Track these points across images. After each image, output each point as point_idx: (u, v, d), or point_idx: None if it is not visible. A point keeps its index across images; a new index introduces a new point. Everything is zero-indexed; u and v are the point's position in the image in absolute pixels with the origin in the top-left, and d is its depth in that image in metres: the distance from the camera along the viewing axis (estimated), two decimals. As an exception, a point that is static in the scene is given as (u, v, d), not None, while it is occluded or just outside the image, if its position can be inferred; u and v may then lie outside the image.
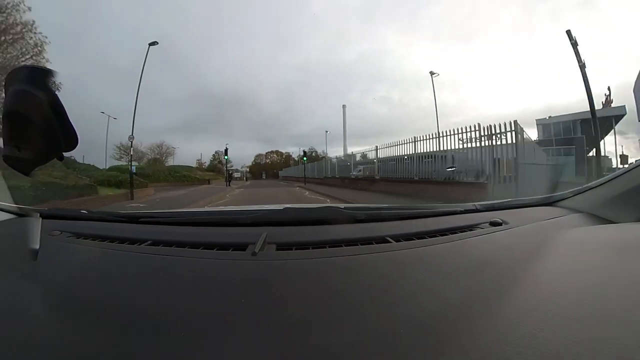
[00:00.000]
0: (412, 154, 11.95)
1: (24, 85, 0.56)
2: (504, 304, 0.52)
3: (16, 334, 0.48)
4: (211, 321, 0.49)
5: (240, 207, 1.81)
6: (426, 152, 11.05)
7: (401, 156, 12.53)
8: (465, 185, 8.74)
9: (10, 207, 1.07)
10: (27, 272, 0.68)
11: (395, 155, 13.05)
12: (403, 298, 0.55)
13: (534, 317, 0.47)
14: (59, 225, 0.96)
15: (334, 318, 0.49)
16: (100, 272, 0.72)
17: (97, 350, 0.44)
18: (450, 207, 1.20)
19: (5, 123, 0.56)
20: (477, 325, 0.46)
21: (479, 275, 0.64)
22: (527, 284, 0.60)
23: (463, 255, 0.76)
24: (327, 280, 0.63)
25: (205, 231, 0.95)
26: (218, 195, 13.66)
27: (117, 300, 0.58)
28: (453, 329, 0.46)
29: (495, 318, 0.48)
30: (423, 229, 0.92)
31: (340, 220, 0.97)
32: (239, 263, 0.70)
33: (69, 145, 0.62)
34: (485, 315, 0.49)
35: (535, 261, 0.71)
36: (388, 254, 0.75)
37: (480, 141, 8.73)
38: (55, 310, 0.56)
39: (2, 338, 0.47)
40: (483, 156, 8.62)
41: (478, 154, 8.78)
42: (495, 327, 0.45)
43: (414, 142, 11.76)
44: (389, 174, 13.33)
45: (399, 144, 12.77)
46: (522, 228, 0.99)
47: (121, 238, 0.86)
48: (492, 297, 0.54)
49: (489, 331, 0.45)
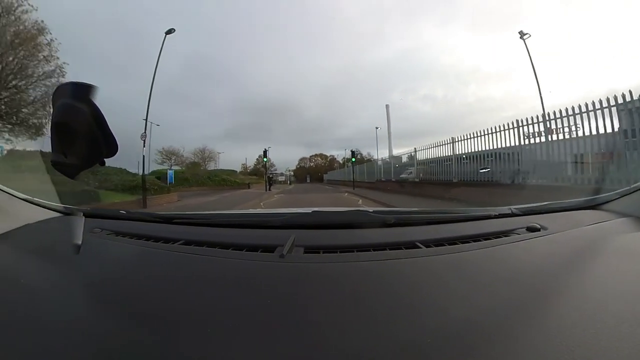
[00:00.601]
0: (475, 152, 10.18)
1: (69, 99, 0.63)
2: (542, 318, 0.48)
3: (57, 319, 0.53)
4: (238, 320, 0.51)
5: (270, 210, 1.86)
6: (487, 150, 9.60)
7: (468, 154, 10.52)
8: (545, 190, 7.14)
9: (58, 206, 1.22)
10: (70, 265, 0.76)
11: (456, 154, 11.23)
12: (432, 307, 0.53)
13: (574, 333, 0.44)
14: (99, 224, 1.07)
15: (360, 324, 0.48)
16: (136, 268, 0.78)
17: (129, 341, 0.47)
18: (483, 211, 1.11)
19: (54, 133, 0.63)
20: (511, 340, 0.43)
21: (514, 285, 0.60)
22: (567, 296, 0.56)
23: (497, 263, 0.73)
24: (353, 285, 0.62)
25: (235, 233, 0.98)
26: (251, 203, 12.77)
27: (150, 295, 0.62)
28: (485, 342, 0.43)
29: (531, 333, 0.44)
30: (455, 234, 0.86)
31: (369, 224, 0.95)
32: (267, 264, 0.71)
33: (110, 152, 0.68)
34: (521, 329, 0.46)
35: (577, 271, 0.67)
36: (417, 259, 0.72)
37: (550, 133, 7.26)
38: (93, 301, 0.61)
39: (44, 322, 0.53)
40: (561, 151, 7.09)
41: (554, 149, 7.28)
42: (531, 342, 0.43)
43: (487, 134, 9.53)
44: (462, 177, 10.86)
45: (468, 137, 10.53)
46: (562, 234, 0.92)
47: (156, 237, 0.92)
48: (528, 309, 0.51)
49: (524, 347, 0.42)
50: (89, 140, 0.64)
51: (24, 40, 13.81)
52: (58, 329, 0.51)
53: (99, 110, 0.63)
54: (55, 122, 0.63)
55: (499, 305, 0.52)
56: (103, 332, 0.49)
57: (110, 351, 0.45)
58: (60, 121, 0.64)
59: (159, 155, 35.61)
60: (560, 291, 0.57)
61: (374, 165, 23.58)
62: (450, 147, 11.57)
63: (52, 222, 1.12)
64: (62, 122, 0.64)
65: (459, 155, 11.13)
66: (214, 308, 0.55)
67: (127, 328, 0.50)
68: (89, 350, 0.45)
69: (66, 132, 0.64)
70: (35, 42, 14.21)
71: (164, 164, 34.94)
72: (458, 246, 0.80)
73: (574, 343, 0.41)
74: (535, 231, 0.92)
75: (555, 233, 0.92)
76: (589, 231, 0.97)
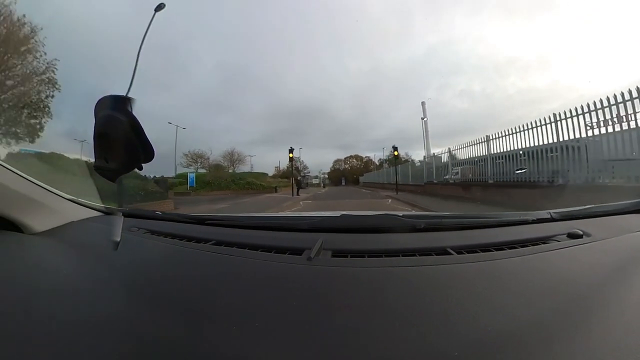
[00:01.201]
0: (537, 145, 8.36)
1: (109, 111, 0.70)
2: (585, 334, 0.45)
3: (96, 312, 0.58)
4: (265, 320, 0.52)
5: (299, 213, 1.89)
6: (549, 144, 8.05)
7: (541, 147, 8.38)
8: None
9: (99, 206, 1.36)
10: (109, 260, 0.83)
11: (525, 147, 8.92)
12: (463, 317, 0.51)
13: (621, 351, 0.41)
14: (137, 223, 1.17)
15: (386, 331, 0.48)
16: (169, 265, 0.83)
17: (164, 334, 0.50)
18: (520, 215, 1.02)
19: (96, 141, 0.71)
20: (548, 356, 0.41)
21: (554, 297, 0.57)
22: (613, 310, 0.52)
23: (535, 272, 0.68)
24: (381, 290, 0.61)
25: (263, 235, 1.01)
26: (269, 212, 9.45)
27: (182, 291, 0.65)
28: (519, 357, 0.41)
29: (572, 349, 0.42)
30: (488, 241, 0.80)
31: (398, 229, 0.93)
32: (294, 267, 0.72)
33: (147, 158, 0.72)
34: (561, 345, 0.43)
35: (625, 283, 0.62)
36: (448, 266, 0.68)
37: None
38: (129, 294, 0.66)
39: (84, 313, 0.57)
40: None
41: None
42: (571, 359, 0.40)
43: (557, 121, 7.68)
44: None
45: (533, 126, 8.57)
46: (608, 241, 0.86)
47: (189, 237, 0.98)
48: (568, 323, 0.48)
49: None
50: (128, 147, 0.69)
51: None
52: (96, 319, 0.55)
53: (136, 119, 0.68)
54: (97, 131, 0.70)
55: (536, 318, 0.49)
56: (139, 325, 0.52)
57: (146, 344, 0.48)
58: (102, 131, 0.70)
59: (185, 159, 35.72)
60: (605, 305, 0.54)
61: (414, 165, 20.56)
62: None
63: (94, 220, 1.24)
64: (103, 131, 0.70)
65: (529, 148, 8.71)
66: (243, 307, 0.57)
67: (161, 322, 0.53)
68: (127, 342, 0.49)
69: (107, 141, 0.71)
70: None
71: (190, 167, 35.43)
72: (492, 253, 0.77)
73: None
74: (577, 238, 0.87)
75: (600, 240, 0.86)
76: (638, 238, 0.90)
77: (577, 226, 0.92)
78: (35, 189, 1.09)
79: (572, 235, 0.87)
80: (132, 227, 1.13)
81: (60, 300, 0.63)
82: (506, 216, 1.09)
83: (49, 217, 1.11)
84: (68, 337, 0.50)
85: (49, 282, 0.73)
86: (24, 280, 0.74)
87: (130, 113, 0.67)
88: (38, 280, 0.73)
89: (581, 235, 0.87)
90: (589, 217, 1.07)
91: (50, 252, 0.95)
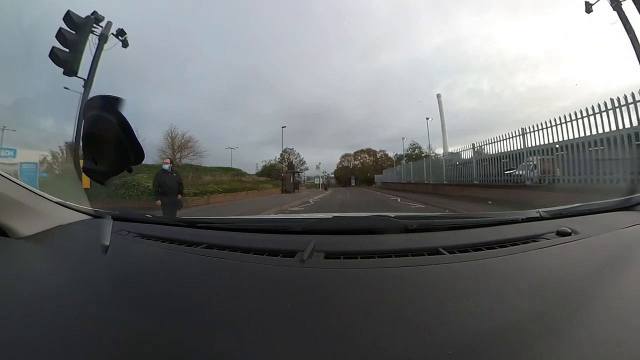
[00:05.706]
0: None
1: (98, 111, 0.72)
2: (574, 330, 0.48)
3: (84, 315, 0.60)
4: (258, 323, 0.54)
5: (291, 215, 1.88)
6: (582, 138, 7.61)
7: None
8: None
9: (88, 209, 1.38)
10: (98, 264, 0.86)
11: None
12: (455, 316, 0.53)
13: (610, 347, 0.43)
14: (127, 227, 1.20)
15: (380, 331, 0.50)
16: (160, 269, 0.86)
17: (152, 338, 0.51)
18: (509, 214, 1.08)
19: (85, 143, 0.73)
20: (539, 353, 0.43)
21: (544, 294, 0.60)
22: (602, 306, 0.55)
23: (525, 270, 0.72)
24: (374, 291, 0.64)
25: (256, 237, 1.04)
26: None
27: (173, 296, 0.69)
28: (511, 355, 0.43)
29: (562, 347, 0.44)
30: (480, 240, 0.84)
31: (390, 230, 0.96)
32: (287, 269, 0.75)
33: (137, 159, 0.73)
34: (550, 341, 0.45)
35: (613, 279, 0.65)
36: (440, 266, 0.72)
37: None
38: (118, 299, 0.69)
39: (73, 317, 0.60)
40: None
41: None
42: (560, 356, 0.42)
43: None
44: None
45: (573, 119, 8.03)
46: (595, 238, 0.91)
47: (179, 240, 1.01)
48: (558, 320, 0.50)
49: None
50: (117, 148, 0.71)
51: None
52: (85, 324, 0.58)
53: (126, 120, 0.70)
54: (86, 132, 0.73)
55: (527, 316, 0.52)
56: (129, 330, 0.55)
57: (136, 349, 0.50)
58: (90, 132, 0.73)
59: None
60: (594, 301, 0.56)
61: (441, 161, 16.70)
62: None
63: (82, 224, 1.26)
64: (92, 132, 0.74)
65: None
66: (235, 310, 0.59)
67: (150, 326, 0.55)
68: (117, 347, 0.52)
69: (96, 142, 0.74)
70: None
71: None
72: (483, 252, 0.79)
73: (611, 359, 0.40)
74: (566, 235, 0.91)
75: (588, 237, 0.90)
76: (625, 234, 0.95)
77: (566, 224, 0.97)
78: (22, 192, 1.12)
79: (561, 233, 0.92)
80: (122, 230, 1.16)
81: (48, 306, 0.65)
82: (496, 216, 1.15)
83: (36, 220, 1.13)
84: (55, 343, 0.52)
85: (36, 287, 0.74)
86: (10, 286, 0.76)
87: (120, 113, 0.70)
88: (24, 286, 0.76)
89: (570, 233, 0.92)
90: (577, 215, 1.14)
91: (38, 257, 0.98)
